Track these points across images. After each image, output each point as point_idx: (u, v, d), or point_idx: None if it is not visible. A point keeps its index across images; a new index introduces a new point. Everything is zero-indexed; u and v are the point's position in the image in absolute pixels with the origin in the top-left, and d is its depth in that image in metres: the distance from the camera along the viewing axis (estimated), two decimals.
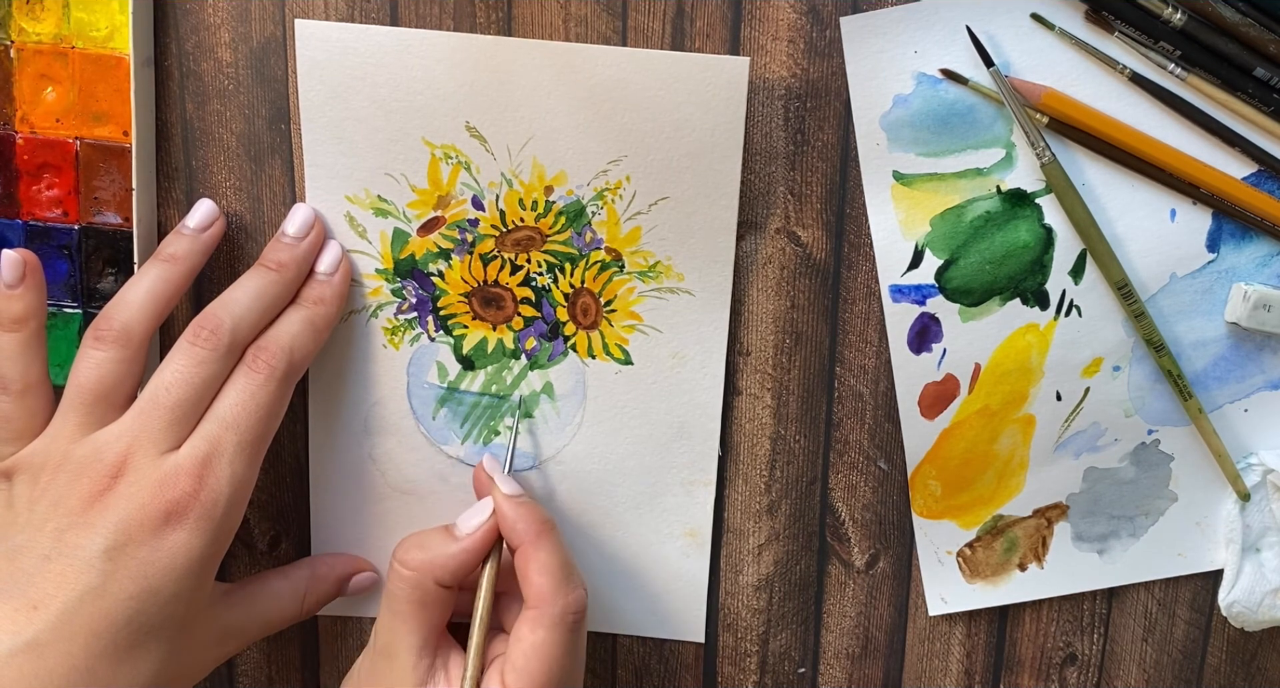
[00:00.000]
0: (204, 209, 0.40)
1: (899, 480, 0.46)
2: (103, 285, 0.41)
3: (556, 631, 0.38)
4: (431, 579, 0.38)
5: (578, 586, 0.39)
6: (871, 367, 0.44)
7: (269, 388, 0.38)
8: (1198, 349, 0.44)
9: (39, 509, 0.36)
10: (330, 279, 0.41)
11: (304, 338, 0.40)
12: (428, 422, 0.44)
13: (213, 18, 0.41)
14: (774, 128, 0.42)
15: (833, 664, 0.47)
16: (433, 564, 0.38)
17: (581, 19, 0.41)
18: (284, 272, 0.40)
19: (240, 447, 0.37)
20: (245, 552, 0.46)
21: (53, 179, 0.41)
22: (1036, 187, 0.42)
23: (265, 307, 0.39)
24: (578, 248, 0.42)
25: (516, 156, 0.41)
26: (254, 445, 0.38)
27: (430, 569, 0.38)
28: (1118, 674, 0.48)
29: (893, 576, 0.47)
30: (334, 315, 0.41)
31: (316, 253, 0.41)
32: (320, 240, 0.41)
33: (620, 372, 0.44)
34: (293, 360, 0.39)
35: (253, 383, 0.38)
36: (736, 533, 0.46)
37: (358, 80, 0.40)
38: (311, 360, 0.41)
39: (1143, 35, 0.40)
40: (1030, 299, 0.43)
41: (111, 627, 0.34)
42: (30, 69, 0.40)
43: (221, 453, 0.37)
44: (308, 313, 0.40)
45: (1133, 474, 0.46)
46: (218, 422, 0.37)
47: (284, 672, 0.47)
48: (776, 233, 0.43)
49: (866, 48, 0.41)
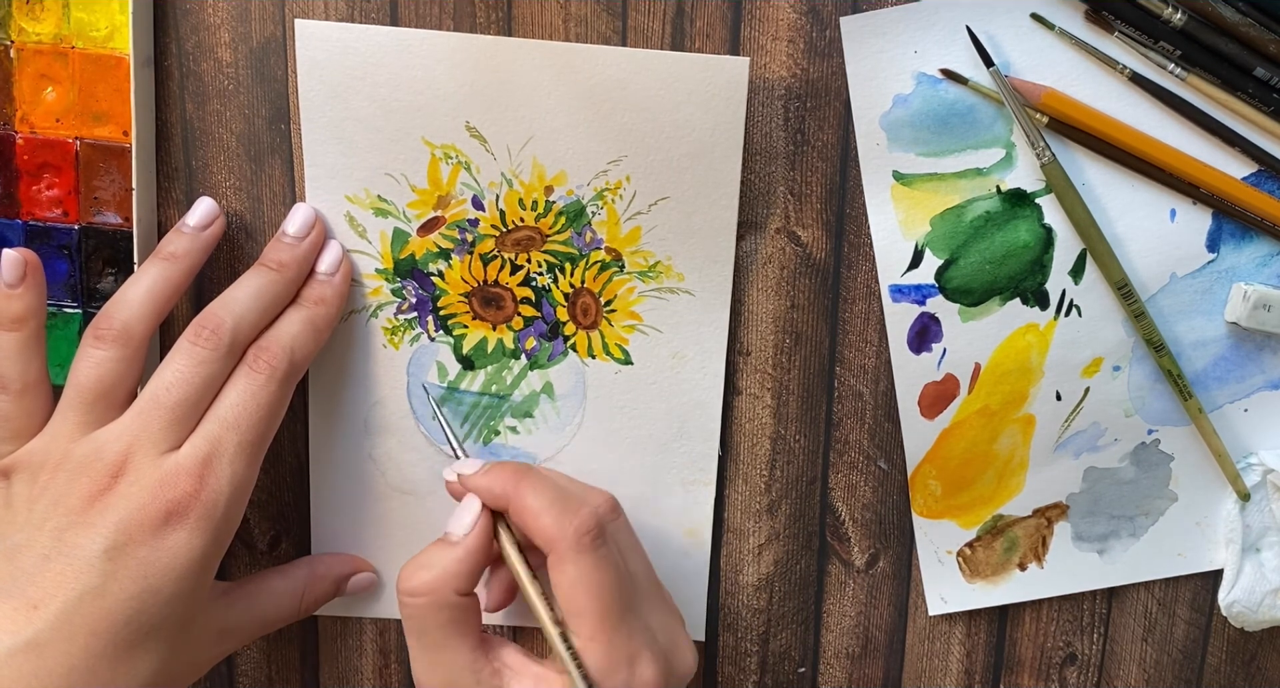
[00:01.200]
0: (204, 207, 0.40)
1: (899, 480, 0.46)
2: (103, 285, 0.41)
3: (580, 559, 0.36)
4: (451, 591, 0.37)
5: (579, 506, 0.37)
6: (871, 367, 0.44)
7: (270, 388, 0.38)
8: (1198, 349, 0.44)
9: (38, 508, 0.36)
10: (331, 279, 0.41)
11: (305, 338, 0.40)
12: (428, 422, 0.44)
13: (213, 18, 0.41)
14: (774, 128, 0.42)
15: (833, 664, 0.47)
16: (445, 576, 0.37)
17: (581, 19, 0.41)
18: (285, 271, 0.40)
19: (241, 447, 0.37)
20: (245, 552, 0.46)
21: (53, 179, 0.41)
22: (1036, 186, 0.42)
23: (266, 306, 0.39)
24: (578, 248, 0.42)
25: (517, 156, 0.41)
26: (255, 445, 0.38)
27: (445, 582, 0.37)
28: (1118, 674, 0.48)
29: (893, 575, 0.47)
30: (335, 315, 0.41)
31: (317, 253, 0.41)
32: (320, 240, 0.41)
33: (620, 372, 0.44)
34: (294, 360, 0.39)
35: (254, 383, 0.38)
36: (736, 533, 0.46)
37: (358, 80, 0.40)
38: (312, 360, 0.41)
39: (1143, 35, 0.40)
40: (1030, 299, 0.43)
41: (111, 627, 0.34)
42: (30, 69, 0.40)
43: (222, 453, 0.37)
44: (309, 313, 0.40)
45: (1133, 474, 0.46)
46: (219, 422, 0.37)
47: (284, 672, 0.47)
48: (776, 233, 0.43)
49: (866, 48, 0.41)
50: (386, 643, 0.47)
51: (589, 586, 0.36)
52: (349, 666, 0.47)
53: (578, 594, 0.36)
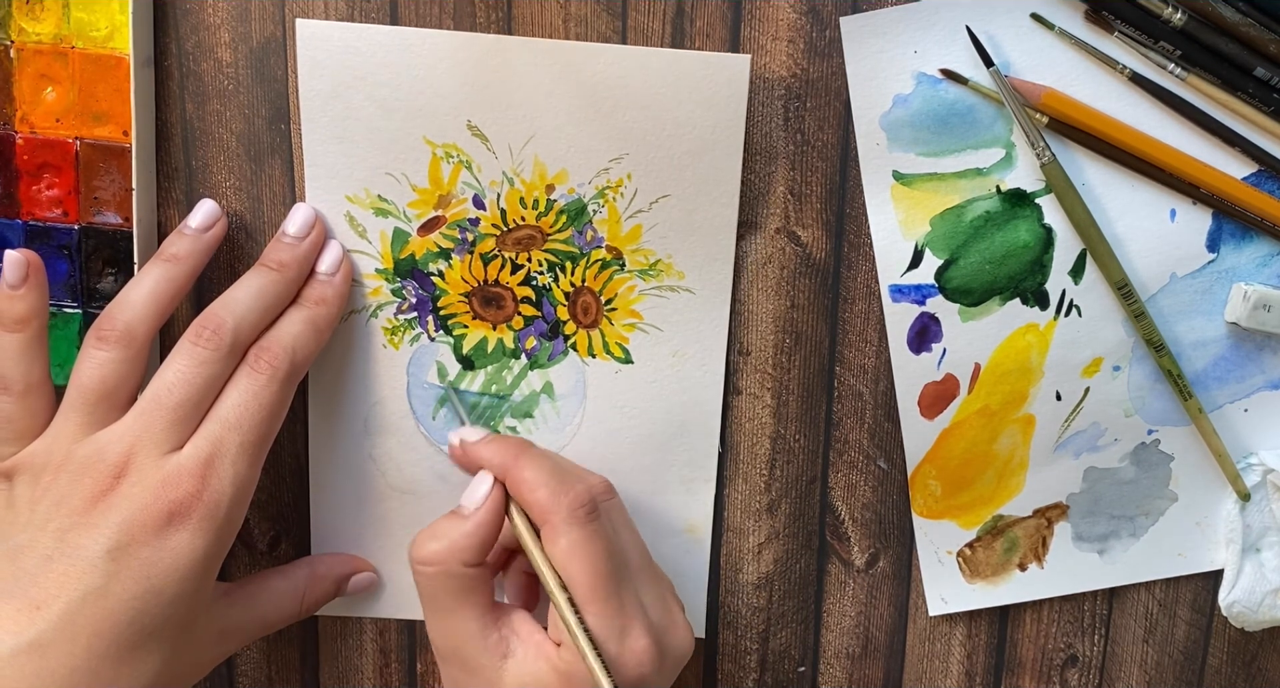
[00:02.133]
0: (206, 209, 0.40)
1: (899, 480, 0.46)
2: (103, 285, 0.41)
3: (573, 531, 0.37)
4: (459, 563, 0.38)
5: (574, 483, 0.38)
6: (871, 366, 0.44)
7: (271, 388, 0.38)
8: (1198, 349, 0.44)
9: (41, 509, 0.36)
10: (331, 279, 0.41)
11: (306, 338, 0.40)
12: (427, 422, 0.44)
13: (213, 18, 0.41)
14: (774, 127, 0.42)
15: (832, 664, 0.47)
16: (454, 548, 0.38)
17: (581, 19, 0.41)
18: (285, 271, 0.40)
19: (243, 447, 0.37)
20: (245, 552, 0.46)
21: (53, 179, 0.41)
22: (1036, 186, 0.42)
23: (266, 306, 0.39)
24: (578, 246, 0.42)
25: (518, 155, 0.41)
26: (257, 446, 0.38)
27: (453, 554, 0.38)
28: (1119, 676, 0.48)
29: (893, 575, 0.47)
30: (335, 315, 0.41)
31: (317, 253, 0.41)
32: (321, 240, 0.41)
33: (620, 371, 0.44)
34: (295, 361, 0.39)
35: (255, 383, 0.38)
36: (737, 532, 0.46)
37: (358, 80, 0.40)
38: (313, 361, 0.41)
39: (1143, 35, 0.40)
40: (1030, 299, 0.43)
41: (114, 627, 0.34)
42: (30, 69, 0.40)
43: (224, 453, 0.37)
44: (309, 313, 0.40)
45: (1133, 474, 0.46)
46: (220, 422, 0.37)
47: (284, 672, 0.47)
48: (776, 233, 0.43)
49: (866, 48, 0.41)
50: (386, 643, 0.47)
51: (580, 556, 0.37)
52: (349, 665, 0.47)
53: (569, 564, 0.37)
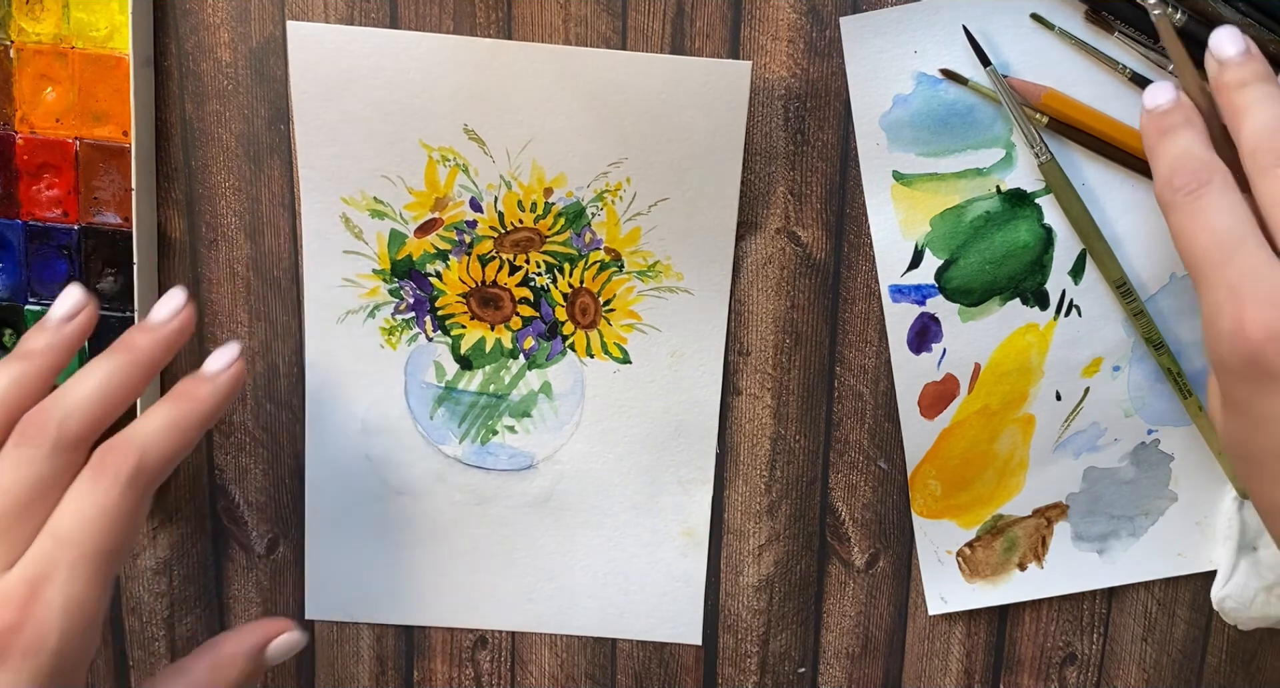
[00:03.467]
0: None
1: (899, 480, 0.46)
2: (102, 286, 0.41)
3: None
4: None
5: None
6: (871, 367, 0.44)
7: (112, 495, 0.32)
8: (1197, 348, 0.44)
9: None
10: (213, 379, 0.36)
11: (161, 438, 0.34)
12: (425, 421, 0.44)
13: (212, 18, 0.41)
14: (774, 128, 0.42)
15: (833, 664, 0.47)
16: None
17: (581, 19, 0.41)
18: (135, 356, 0.35)
19: (78, 564, 0.32)
20: (243, 556, 0.46)
21: (52, 179, 0.41)
22: (1036, 186, 0.42)
23: (108, 397, 0.34)
24: (577, 248, 0.42)
25: (516, 159, 0.41)
26: (96, 561, 0.32)
27: None
28: (1118, 674, 0.48)
29: (892, 575, 0.47)
30: (208, 417, 0.35)
31: (183, 339, 0.36)
32: (189, 328, 0.36)
33: (619, 371, 0.44)
34: (143, 463, 0.33)
35: (95, 490, 0.32)
36: (737, 534, 0.46)
37: (353, 82, 0.40)
38: (175, 464, 0.35)
39: (1143, 35, 0.40)
40: (1030, 299, 0.43)
41: None
42: (30, 69, 0.40)
43: (54, 574, 0.31)
44: (173, 410, 0.34)
45: (1133, 474, 0.46)
46: (51, 536, 0.32)
47: (279, 679, 0.47)
48: (776, 233, 0.43)
49: (866, 48, 0.41)
50: (383, 649, 0.47)
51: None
52: (345, 673, 0.47)
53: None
